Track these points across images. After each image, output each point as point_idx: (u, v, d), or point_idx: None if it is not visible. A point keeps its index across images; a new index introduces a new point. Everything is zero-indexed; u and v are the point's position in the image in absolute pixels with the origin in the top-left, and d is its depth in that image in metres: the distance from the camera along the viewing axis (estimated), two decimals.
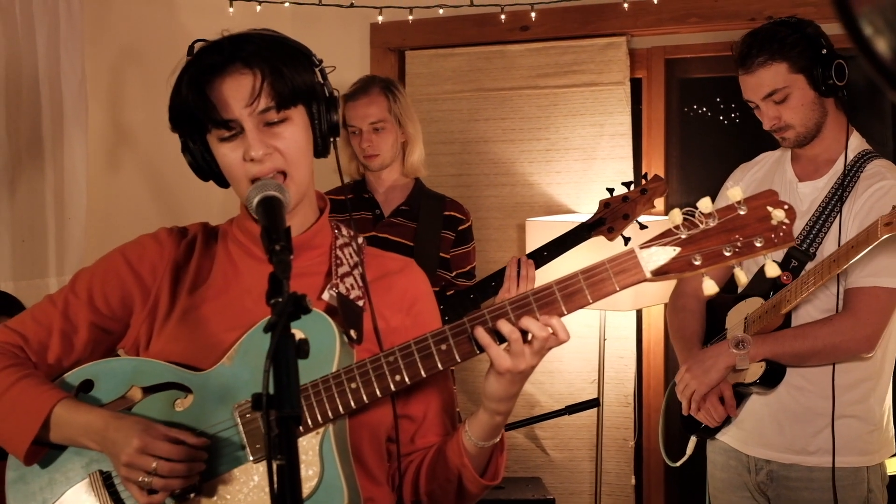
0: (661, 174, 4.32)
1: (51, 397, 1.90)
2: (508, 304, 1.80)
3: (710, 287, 1.83)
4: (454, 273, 3.88)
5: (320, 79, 1.94)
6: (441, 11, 4.37)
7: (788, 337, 2.95)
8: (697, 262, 1.76)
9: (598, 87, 4.50)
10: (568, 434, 4.56)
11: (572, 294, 1.78)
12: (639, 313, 4.52)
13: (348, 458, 1.85)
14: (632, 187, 3.51)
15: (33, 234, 3.75)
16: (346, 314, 1.91)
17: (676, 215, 1.77)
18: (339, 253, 2.03)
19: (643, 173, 3.65)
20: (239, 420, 1.85)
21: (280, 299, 1.45)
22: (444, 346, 1.81)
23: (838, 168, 3.00)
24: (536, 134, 4.60)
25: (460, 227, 3.91)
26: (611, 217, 3.46)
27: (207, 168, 1.96)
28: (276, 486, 1.35)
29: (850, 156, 2.99)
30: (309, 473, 1.80)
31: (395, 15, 4.44)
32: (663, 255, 1.76)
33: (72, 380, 1.97)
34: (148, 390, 1.93)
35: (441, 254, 3.84)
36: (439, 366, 1.82)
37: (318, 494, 1.80)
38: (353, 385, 1.81)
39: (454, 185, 4.60)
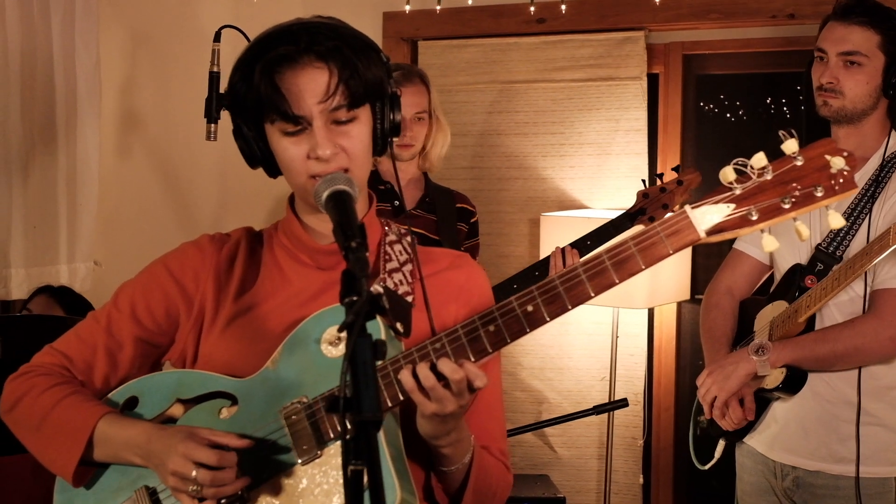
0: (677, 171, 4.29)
1: (93, 414, 1.85)
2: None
3: (770, 243, 1.74)
4: None
5: (386, 76, 1.88)
6: (470, 1, 4.29)
7: (809, 341, 2.90)
8: (754, 218, 1.68)
9: (615, 82, 4.46)
10: (576, 432, 4.53)
11: (623, 261, 1.71)
12: (650, 311, 4.48)
13: (401, 454, 1.77)
14: (664, 179, 3.52)
15: (45, 220, 3.70)
16: (393, 308, 1.84)
17: (728, 173, 1.69)
18: (388, 249, 1.98)
19: (676, 165, 3.64)
20: (284, 422, 1.79)
21: (355, 298, 1.40)
22: (492, 328, 1.73)
23: (870, 167, 2.96)
24: (551, 128, 4.55)
25: (472, 220, 3.88)
26: (651, 207, 3.50)
27: (260, 156, 1.90)
28: (353, 490, 1.31)
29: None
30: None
31: (408, 4, 4.39)
32: (716, 212, 1.68)
33: (116, 398, 1.92)
34: (192, 402, 1.88)
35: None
36: (489, 349, 1.73)
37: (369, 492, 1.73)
38: (399, 375, 1.73)
39: (466, 178, 4.55)
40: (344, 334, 1.67)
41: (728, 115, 4.53)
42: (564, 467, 4.55)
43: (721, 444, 3.15)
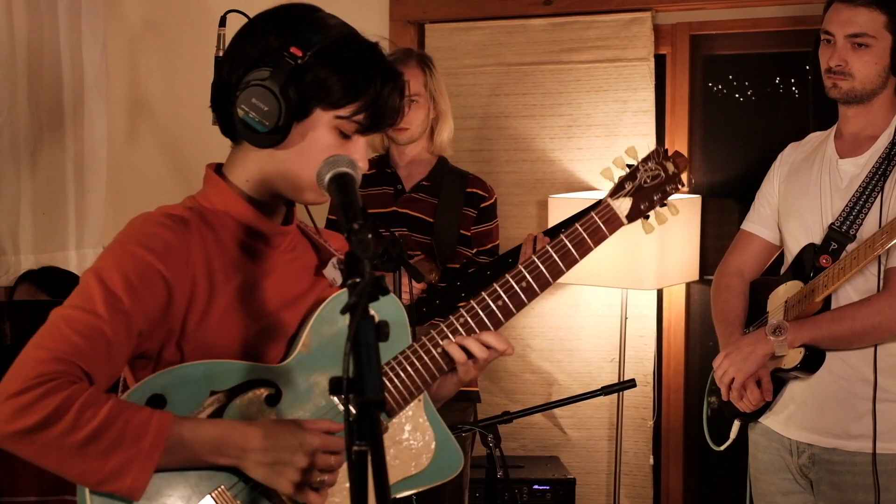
0: (685, 152, 4.29)
1: (165, 418, 1.73)
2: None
3: (655, 221, 2.22)
4: (475, 250, 3.84)
5: None
6: None
7: (826, 320, 2.90)
8: (644, 207, 2.17)
9: (622, 63, 4.44)
10: (586, 413, 4.53)
11: (580, 243, 2.11)
12: (659, 292, 4.48)
13: None
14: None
15: (54, 206, 3.71)
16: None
17: (609, 172, 2.19)
18: (312, 235, 2.10)
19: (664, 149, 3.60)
20: (341, 405, 1.84)
21: (358, 280, 1.40)
22: (500, 302, 2.02)
23: (880, 145, 2.96)
24: (558, 110, 4.55)
25: (483, 205, 3.87)
26: None
27: (281, 123, 1.82)
28: (357, 470, 1.32)
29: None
30: (426, 439, 1.93)
31: None
32: (625, 204, 2.16)
33: (136, 398, 1.78)
34: (229, 393, 1.82)
35: (461, 231, 3.80)
36: (503, 320, 2.02)
37: (439, 458, 1.94)
38: (439, 349, 1.97)
39: (473, 161, 4.54)
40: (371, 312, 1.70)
41: (736, 96, 4.52)
42: (575, 448, 4.56)
43: (736, 425, 3.15)
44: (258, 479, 1.77)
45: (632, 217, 2.15)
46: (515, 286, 2.03)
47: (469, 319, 1.99)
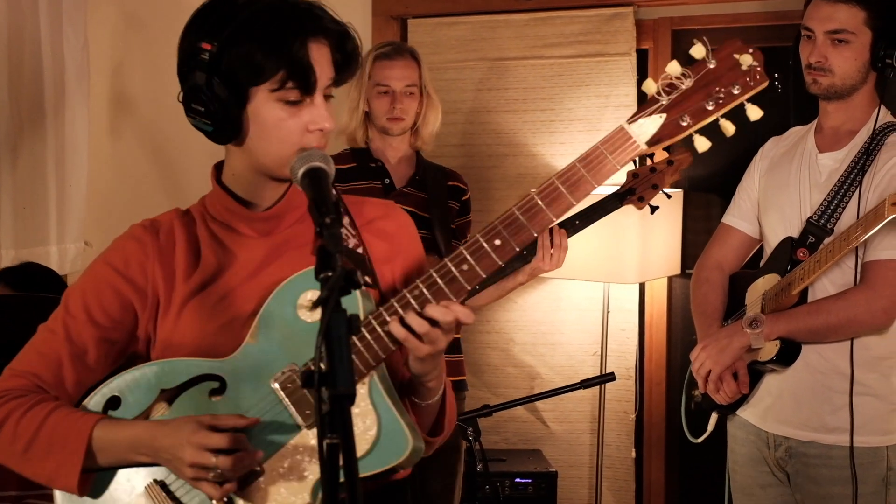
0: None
1: (85, 423, 1.86)
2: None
3: (703, 144, 1.86)
4: (463, 243, 3.85)
5: None
6: None
7: (803, 314, 2.92)
8: (685, 123, 1.79)
9: (604, 58, 4.46)
10: (568, 406, 4.55)
11: (577, 182, 1.80)
12: (641, 286, 4.50)
13: (400, 404, 1.85)
14: (655, 158, 3.49)
15: (34, 201, 3.71)
16: (353, 262, 1.86)
17: (651, 85, 1.81)
18: None
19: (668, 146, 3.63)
20: (281, 392, 1.82)
21: (330, 273, 1.41)
22: (465, 266, 1.81)
23: (859, 140, 2.97)
24: (540, 104, 4.56)
25: (463, 198, 3.88)
26: (640, 187, 3.44)
27: (229, 118, 1.83)
28: (329, 463, 1.33)
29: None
30: (366, 423, 1.80)
31: None
32: (652, 124, 1.79)
33: (96, 401, 1.93)
34: (177, 390, 1.89)
35: (451, 224, 3.81)
36: (466, 286, 1.81)
37: (382, 442, 1.80)
38: (385, 328, 1.80)
39: (456, 156, 4.55)
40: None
41: None
42: (557, 442, 4.57)
43: (714, 417, 3.17)
44: (173, 473, 1.85)
45: (658, 139, 1.80)
46: (486, 245, 1.81)
47: (424, 290, 1.79)
